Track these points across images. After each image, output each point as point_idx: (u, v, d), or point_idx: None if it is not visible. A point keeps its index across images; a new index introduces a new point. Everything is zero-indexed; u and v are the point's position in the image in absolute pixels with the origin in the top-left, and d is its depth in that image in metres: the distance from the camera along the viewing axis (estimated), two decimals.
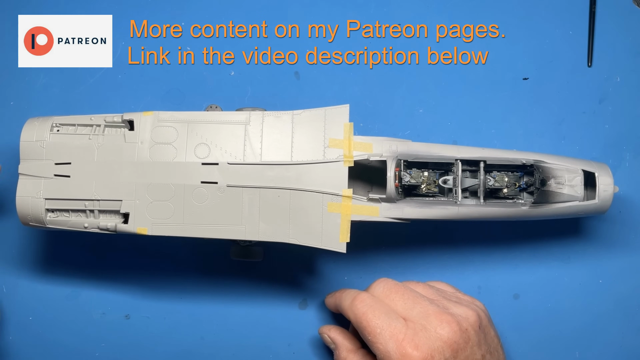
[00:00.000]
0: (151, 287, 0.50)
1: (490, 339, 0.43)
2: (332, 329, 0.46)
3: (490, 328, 0.43)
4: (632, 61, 0.52)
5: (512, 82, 0.52)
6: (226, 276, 0.51)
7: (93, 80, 0.52)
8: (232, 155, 0.43)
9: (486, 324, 0.43)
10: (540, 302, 0.50)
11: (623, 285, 0.50)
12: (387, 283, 0.43)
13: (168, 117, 0.44)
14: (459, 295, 0.45)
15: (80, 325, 0.50)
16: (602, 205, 0.44)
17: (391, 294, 0.42)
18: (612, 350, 0.50)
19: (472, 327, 0.41)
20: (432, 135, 0.51)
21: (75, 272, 0.51)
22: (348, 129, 0.43)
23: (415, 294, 0.43)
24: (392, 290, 0.43)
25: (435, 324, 0.40)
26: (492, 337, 0.43)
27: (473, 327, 0.41)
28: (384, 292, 0.43)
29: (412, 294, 0.42)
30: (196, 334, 0.50)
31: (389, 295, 0.42)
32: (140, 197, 0.43)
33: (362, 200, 0.43)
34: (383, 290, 0.43)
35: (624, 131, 0.51)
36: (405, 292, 0.42)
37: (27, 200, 0.43)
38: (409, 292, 0.42)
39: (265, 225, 0.43)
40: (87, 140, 0.44)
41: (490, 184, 0.45)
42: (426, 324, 0.40)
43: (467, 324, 0.41)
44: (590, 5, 0.52)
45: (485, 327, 0.43)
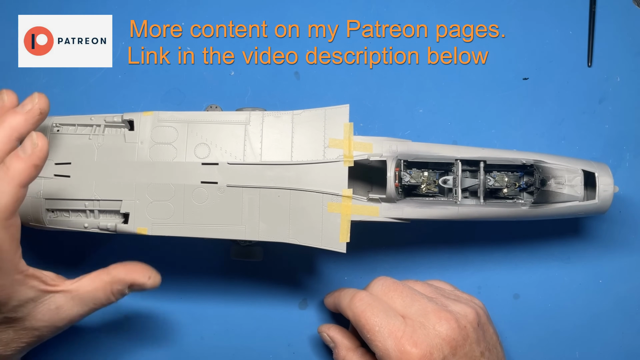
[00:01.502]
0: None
1: (489, 336, 0.43)
2: (331, 328, 0.46)
3: (489, 325, 0.43)
4: (632, 61, 0.52)
5: (512, 82, 0.52)
6: (226, 276, 0.51)
7: (93, 80, 0.52)
8: (232, 155, 0.43)
9: (485, 321, 0.43)
10: (540, 302, 0.50)
11: (623, 285, 0.50)
12: (386, 281, 0.43)
13: (168, 117, 0.44)
14: (458, 293, 0.45)
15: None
16: (602, 205, 0.44)
17: (389, 292, 0.43)
18: (612, 350, 0.50)
19: (471, 325, 0.41)
20: (432, 135, 0.51)
21: (75, 272, 0.50)
22: (348, 129, 0.43)
23: (413, 292, 0.43)
24: (391, 288, 0.43)
25: (433, 321, 0.40)
26: (491, 334, 0.43)
27: (472, 325, 0.41)
28: (382, 290, 0.43)
29: (410, 292, 0.42)
30: (196, 334, 0.50)
31: (387, 293, 0.43)
32: (140, 197, 0.43)
33: (362, 200, 0.43)
34: (382, 289, 0.43)
35: (624, 131, 0.51)
36: (403, 290, 0.43)
37: (26, 200, 0.43)
38: (408, 290, 0.42)
39: (265, 225, 0.43)
40: (87, 140, 0.44)
41: (490, 184, 0.45)
42: (425, 322, 0.40)
43: (465, 321, 0.41)
44: (590, 5, 0.52)
45: (484, 324, 0.43)
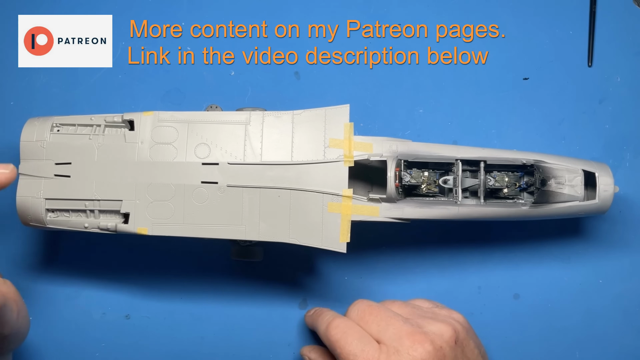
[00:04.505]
0: (151, 287, 0.50)
1: (469, 351, 0.42)
2: (313, 351, 0.46)
3: (470, 340, 0.43)
4: (632, 61, 0.52)
5: (512, 82, 0.52)
6: (226, 276, 0.51)
7: (93, 80, 0.52)
8: (232, 155, 0.43)
9: (464, 337, 0.42)
10: (540, 302, 0.50)
11: (623, 285, 0.50)
12: (362, 305, 0.43)
13: (168, 117, 0.44)
14: (436, 311, 0.45)
15: (80, 325, 0.50)
16: (603, 205, 0.44)
17: (365, 316, 0.43)
18: (612, 350, 0.50)
19: (447, 344, 0.41)
20: (432, 135, 0.51)
21: (75, 272, 0.51)
22: (348, 129, 0.43)
23: (389, 314, 0.42)
24: (366, 312, 0.43)
25: (407, 345, 0.40)
26: (471, 349, 0.43)
27: (448, 344, 0.41)
28: (358, 315, 0.43)
29: (386, 315, 0.42)
30: (196, 334, 0.50)
31: (363, 317, 0.43)
32: (140, 197, 0.43)
33: (362, 200, 0.43)
34: (357, 313, 0.43)
35: (624, 131, 0.51)
36: (379, 313, 0.42)
37: (27, 200, 0.43)
38: (383, 313, 0.42)
39: (265, 225, 0.43)
40: (87, 140, 0.44)
41: (490, 184, 0.45)
42: (399, 347, 0.40)
43: (441, 341, 0.41)
44: (590, 5, 0.52)
45: (462, 340, 0.42)
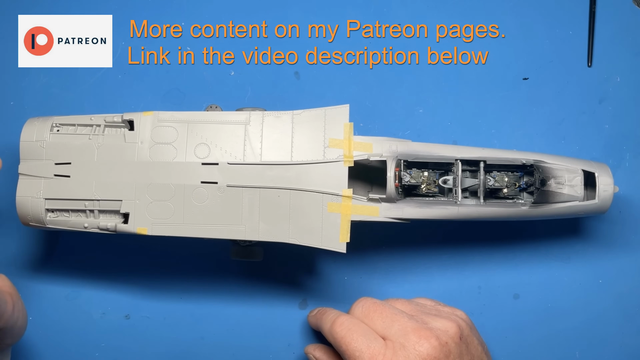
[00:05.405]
0: (151, 287, 0.50)
1: (473, 348, 0.43)
2: (317, 349, 0.46)
3: (473, 337, 0.43)
4: (632, 61, 0.52)
5: (512, 82, 0.52)
6: (226, 276, 0.51)
7: (93, 80, 0.52)
8: (232, 155, 0.43)
9: (468, 333, 0.43)
10: (540, 302, 0.50)
11: (623, 285, 0.50)
12: (366, 302, 0.43)
13: (168, 117, 0.44)
14: (439, 308, 0.45)
15: (80, 325, 0.50)
16: (602, 205, 0.44)
17: (370, 313, 0.43)
18: (612, 350, 0.50)
19: (452, 340, 0.41)
20: (432, 135, 0.51)
21: (75, 272, 0.51)
22: (348, 129, 0.43)
23: (393, 311, 0.43)
24: (371, 309, 0.43)
25: (413, 341, 0.40)
26: (475, 346, 0.43)
27: (453, 340, 0.41)
28: (362, 312, 0.43)
29: (390, 312, 0.42)
30: (196, 334, 0.50)
31: (367, 314, 0.43)
32: (140, 197, 0.43)
33: (362, 200, 0.43)
34: (362, 311, 0.43)
35: (624, 131, 0.51)
36: (383, 310, 0.43)
37: (27, 200, 0.43)
38: (388, 310, 0.43)
39: (265, 225, 0.43)
40: (87, 140, 0.44)
41: (490, 184, 0.45)
42: (405, 342, 0.40)
43: (446, 337, 0.41)
44: (590, 5, 0.52)
45: (467, 337, 0.42)
